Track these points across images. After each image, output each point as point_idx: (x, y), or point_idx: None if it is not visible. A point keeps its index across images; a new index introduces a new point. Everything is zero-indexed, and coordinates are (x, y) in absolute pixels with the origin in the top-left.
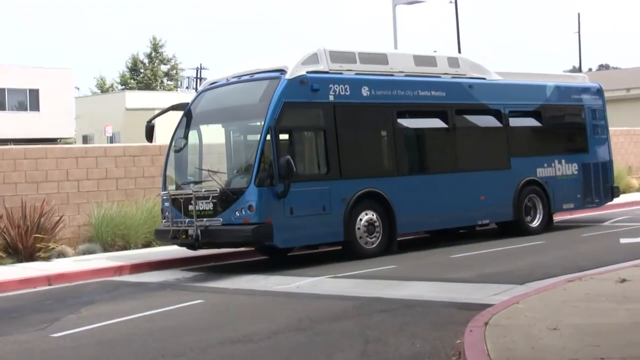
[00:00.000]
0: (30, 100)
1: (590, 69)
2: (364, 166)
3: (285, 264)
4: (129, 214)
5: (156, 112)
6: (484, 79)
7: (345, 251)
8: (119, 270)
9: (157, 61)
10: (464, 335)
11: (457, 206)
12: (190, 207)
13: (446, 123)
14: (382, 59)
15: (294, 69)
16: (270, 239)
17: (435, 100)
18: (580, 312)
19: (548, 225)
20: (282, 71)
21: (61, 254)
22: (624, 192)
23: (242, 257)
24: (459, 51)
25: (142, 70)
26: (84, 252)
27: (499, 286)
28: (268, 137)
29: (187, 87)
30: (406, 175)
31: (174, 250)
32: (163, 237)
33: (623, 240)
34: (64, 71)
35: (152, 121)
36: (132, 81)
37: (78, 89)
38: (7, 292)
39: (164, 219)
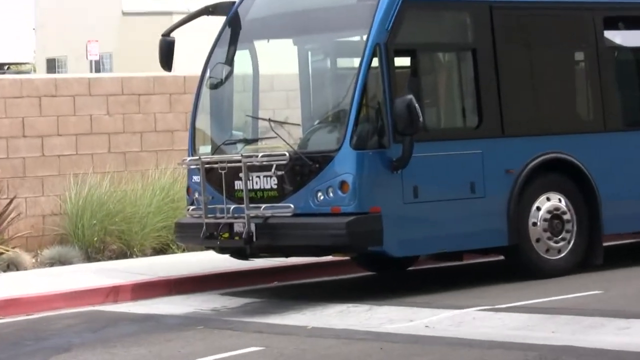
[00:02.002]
0: None
1: None
2: (543, 114)
3: (402, 285)
4: (131, 197)
5: (177, 19)
6: None
7: (510, 264)
8: (114, 293)
9: None
10: None
11: None
12: (238, 185)
13: None
14: None
15: None
16: (378, 242)
17: None
18: None
19: None
20: None
21: (13, 265)
22: None
23: (328, 273)
24: None
25: None
26: (53, 262)
27: None
28: (375, 61)
29: None
30: (620, 130)
31: (209, 260)
32: (190, 236)
33: None
34: None
35: (171, 34)
36: None
37: None
38: None
39: (192, 204)
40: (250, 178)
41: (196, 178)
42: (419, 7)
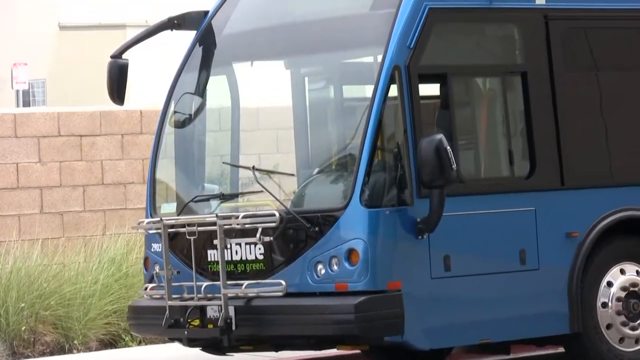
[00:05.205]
0: None
1: None
2: (616, 159)
3: None
4: (70, 272)
5: (132, 34)
6: None
7: (573, 358)
8: None
9: None
10: None
11: None
12: (213, 255)
13: None
14: None
15: None
16: (398, 331)
17: None
18: None
19: None
20: None
21: None
22: None
23: None
24: None
25: None
26: None
27: None
28: (393, 89)
29: None
30: None
31: (174, 356)
32: (149, 323)
33: None
34: None
35: (124, 55)
36: None
37: None
38: None
39: (151, 281)
40: (229, 246)
41: (157, 246)
42: (451, 17)
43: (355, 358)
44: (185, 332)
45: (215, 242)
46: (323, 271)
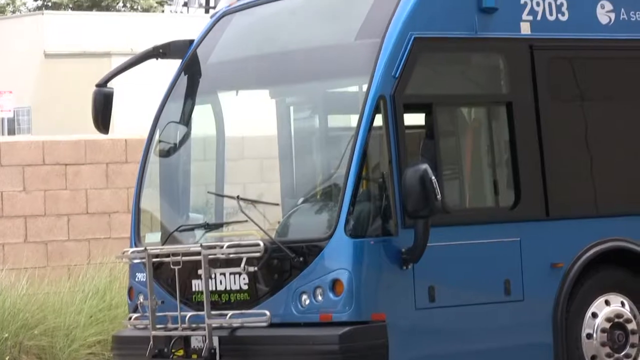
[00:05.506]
0: None
1: None
2: (601, 189)
3: None
4: (54, 302)
5: (118, 62)
6: None
7: None
8: None
9: None
10: None
11: None
12: (197, 285)
13: None
14: None
15: None
16: None
17: None
18: None
19: None
20: None
21: None
22: None
23: None
24: None
25: None
26: None
27: None
28: (378, 119)
29: (185, 5)
30: None
31: None
32: (133, 353)
33: None
34: None
35: (109, 84)
36: None
37: None
38: None
39: (136, 311)
40: (213, 276)
41: (141, 276)
42: (436, 46)
43: None
44: None
45: (200, 272)
46: (307, 301)
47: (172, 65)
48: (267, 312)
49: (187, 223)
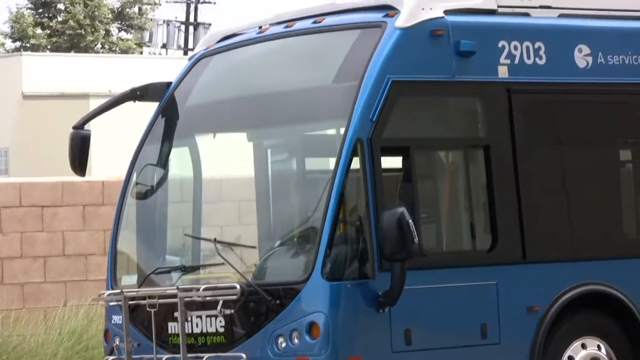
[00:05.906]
0: None
1: None
2: (578, 233)
3: None
4: (30, 344)
5: (96, 104)
6: None
7: None
8: None
9: None
10: None
11: None
12: (173, 328)
13: None
14: None
15: (415, 7)
16: None
17: None
18: None
19: None
20: (387, 10)
21: None
22: None
23: None
24: None
25: (62, 9)
26: None
27: None
28: (355, 162)
29: (164, 47)
30: None
31: None
32: None
33: None
34: None
35: (86, 126)
36: (38, 32)
37: None
38: None
39: (111, 354)
40: (190, 318)
41: (117, 318)
42: (414, 90)
43: None
44: None
45: (176, 314)
46: (284, 344)
47: (150, 108)
48: (244, 355)
49: (164, 265)
